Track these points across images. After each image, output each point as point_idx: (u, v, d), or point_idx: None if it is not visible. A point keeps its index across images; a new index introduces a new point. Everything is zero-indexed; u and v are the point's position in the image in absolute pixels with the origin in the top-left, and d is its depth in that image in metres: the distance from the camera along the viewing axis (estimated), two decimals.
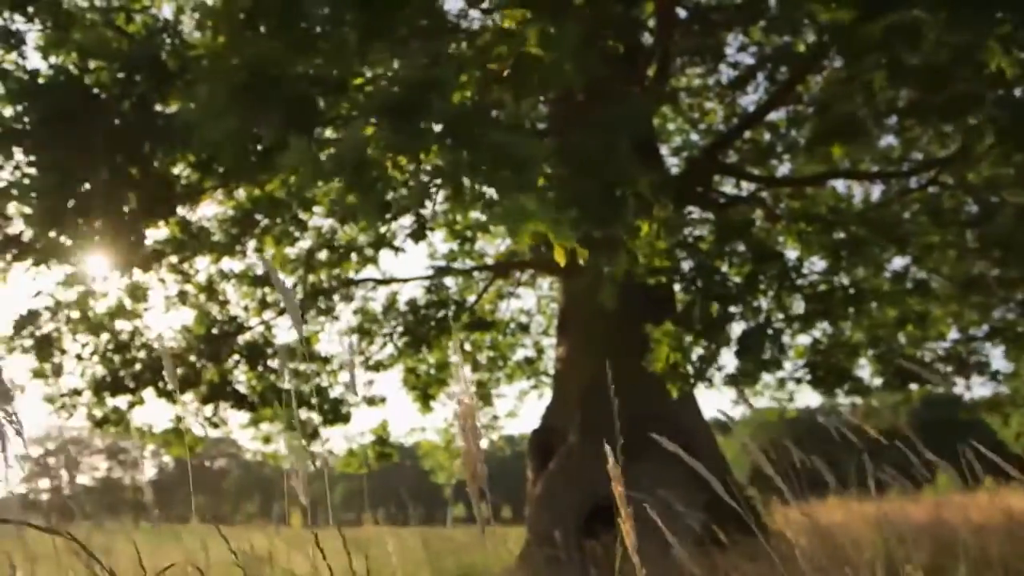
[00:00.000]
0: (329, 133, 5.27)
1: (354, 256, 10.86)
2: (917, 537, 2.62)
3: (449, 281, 12.84)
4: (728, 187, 11.17)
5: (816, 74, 9.14)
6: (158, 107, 6.02)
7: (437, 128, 4.18)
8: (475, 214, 11.87)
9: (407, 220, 8.56)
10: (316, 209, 9.88)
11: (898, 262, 9.85)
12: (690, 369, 7.25)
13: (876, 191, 10.59)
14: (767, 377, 9.93)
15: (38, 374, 8.91)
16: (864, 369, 10.20)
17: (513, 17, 5.06)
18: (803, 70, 8.46)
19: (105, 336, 9.41)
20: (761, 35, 9.23)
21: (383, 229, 10.23)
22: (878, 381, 9.91)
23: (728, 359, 7.68)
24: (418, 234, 7.45)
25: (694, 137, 12.21)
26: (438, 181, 5.54)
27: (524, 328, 14.25)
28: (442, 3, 5.33)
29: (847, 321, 9.63)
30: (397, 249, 8.75)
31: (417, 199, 6.24)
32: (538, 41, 4.55)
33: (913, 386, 10.06)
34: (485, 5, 7.90)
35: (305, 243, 10.70)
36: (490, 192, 4.63)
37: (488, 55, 5.29)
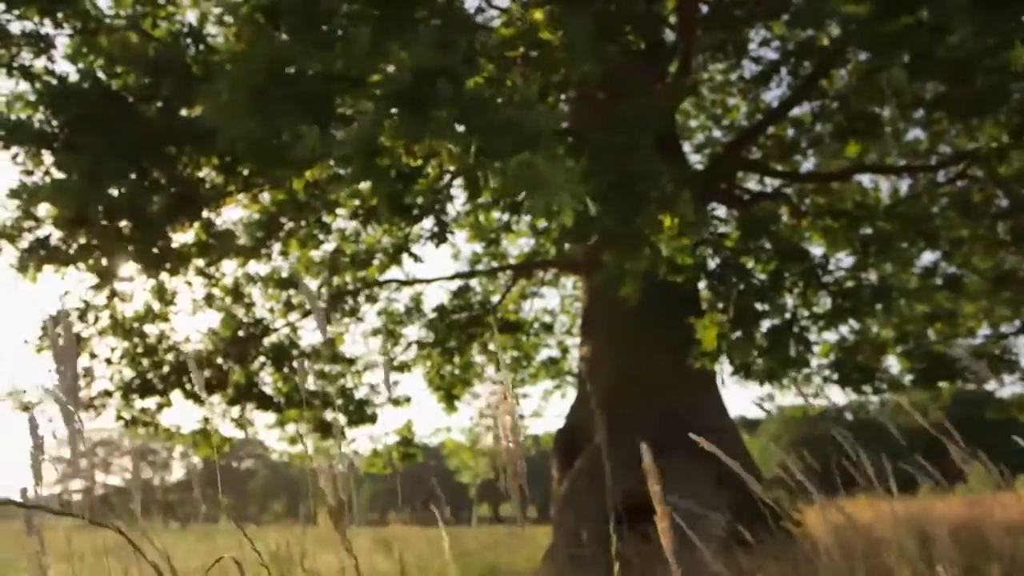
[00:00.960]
0: (341, 133, 5.30)
1: (378, 258, 10.93)
2: (948, 536, 2.57)
3: (474, 282, 12.88)
4: (752, 183, 11.09)
5: (840, 68, 9.04)
6: (183, 111, 6.09)
7: (446, 115, 4.17)
8: (497, 214, 11.90)
9: (428, 223, 8.62)
10: (340, 211, 9.95)
11: (927, 257, 9.73)
12: (730, 361, 7.21)
13: (903, 186, 10.46)
14: (793, 374, 9.84)
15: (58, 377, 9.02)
16: (893, 367, 10.07)
17: (529, 11, 5.06)
18: (827, 64, 8.37)
19: (134, 339, 9.54)
20: (784, 29, 9.15)
21: (404, 232, 10.28)
22: (907, 378, 9.78)
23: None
24: (439, 237, 7.46)
25: (717, 133, 12.14)
26: (457, 181, 5.56)
27: (548, 328, 14.24)
28: (460, 1, 5.34)
29: (874, 318, 9.50)
30: (416, 257, 8.77)
31: (434, 198, 6.25)
32: (553, 32, 4.54)
33: (942, 384, 9.91)
34: (503, 3, 7.91)
35: (329, 246, 10.79)
36: (507, 180, 4.60)
37: (504, 47, 5.29)
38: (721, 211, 10.45)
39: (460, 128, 4.17)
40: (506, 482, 1.41)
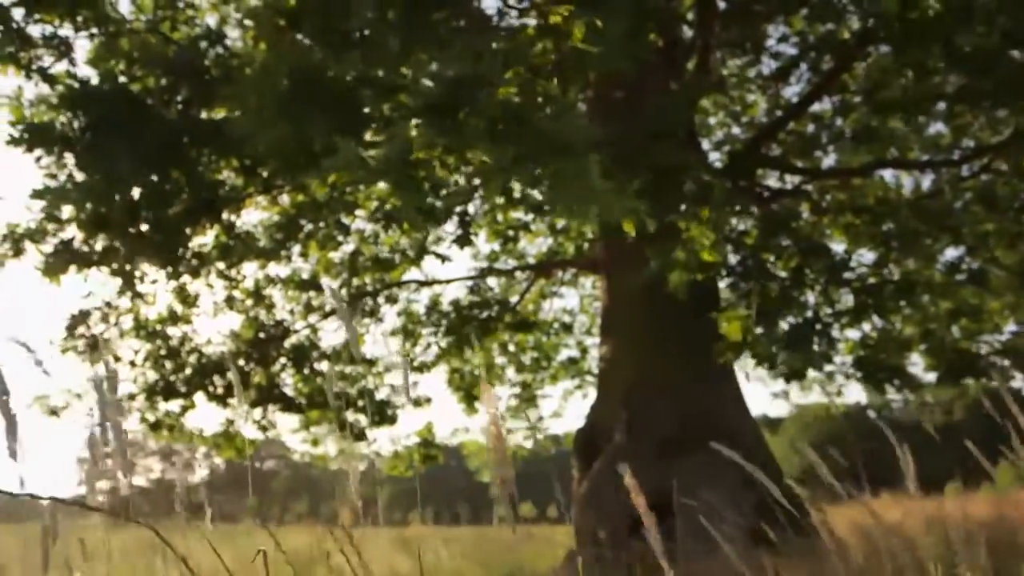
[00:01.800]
0: (370, 136, 5.31)
1: (397, 259, 10.97)
2: (975, 536, 2.54)
3: (492, 281, 12.88)
4: (772, 180, 11.00)
5: (862, 61, 8.95)
6: (203, 113, 6.14)
7: (481, 124, 4.17)
8: (518, 214, 11.89)
9: (451, 226, 8.64)
10: (359, 212, 10.00)
11: (951, 253, 9.58)
12: (753, 354, 7.15)
13: (926, 181, 10.33)
14: (815, 372, 9.73)
15: (95, 382, 9.14)
16: (917, 364, 9.95)
17: (558, 12, 5.04)
18: (848, 58, 8.29)
19: (157, 342, 9.64)
20: (804, 24, 9.07)
21: (425, 234, 10.31)
22: (931, 376, 9.65)
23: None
24: (463, 240, 7.47)
25: (736, 130, 12.05)
26: (478, 182, 5.55)
27: (567, 328, 14.20)
28: (480, 3, 5.35)
29: (898, 315, 9.39)
30: (443, 257, 8.81)
31: (460, 199, 6.25)
32: (585, 33, 4.52)
33: (968, 381, 9.78)
34: (523, 4, 7.90)
35: (349, 247, 10.84)
36: (539, 188, 4.59)
37: (531, 51, 5.28)
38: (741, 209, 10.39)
39: (494, 137, 4.16)
40: (498, 489, 1.44)
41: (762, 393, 17.31)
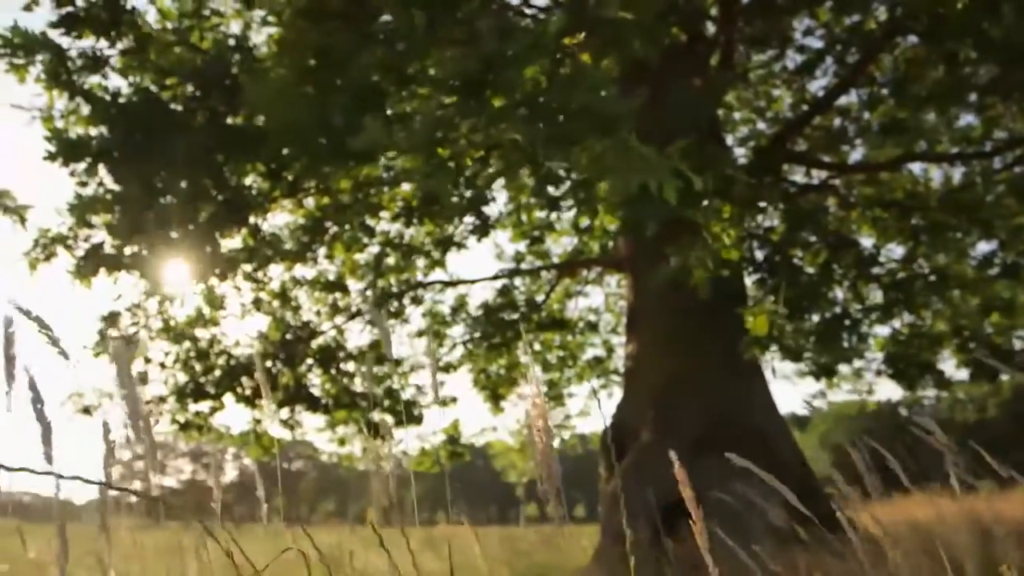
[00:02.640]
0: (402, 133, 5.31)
1: (421, 260, 11.01)
2: (1011, 535, 2.49)
3: (518, 282, 12.89)
4: (798, 176, 10.89)
5: (889, 53, 8.82)
6: (229, 119, 6.21)
7: (512, 102, 4.14)
8: (542, 213, 11.89)
9: (470, 221, 8.65)
10: (383, 214, 10.05)
11: (983, 247, 9.43)
12: (781, 347, 7.09)
13: (956, 174, 10.16)
14: (844, 368, 9.61)
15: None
16: (948, 361, 9.81)
17: None
18: (875, 50, 8.18)
19: (186, 344, 9.77)
20: (829, 16, 8.96)
21: (449, 231, 10.34)
22: (963, 373, 9.50)
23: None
24: (481, 231, 7.48)
25: (761, 126, 11.95)
26: (493, 169, 5.53)
27: (593, 327, 14.17)
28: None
29: (928, 310, 9.25)
30: (460, 245, 8.84)
31: (482, 184, 6.24)
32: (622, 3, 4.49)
33: (1002, 378, 9.62)
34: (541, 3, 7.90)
35: (374, 248, 10.90)
36: (572, 165, 4.54)
37: (558, 37, 5.26)
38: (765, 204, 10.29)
39: (525, 114, 4.12)
40: (542, 484, 1.40)
41: (790, 391, 17.19)
